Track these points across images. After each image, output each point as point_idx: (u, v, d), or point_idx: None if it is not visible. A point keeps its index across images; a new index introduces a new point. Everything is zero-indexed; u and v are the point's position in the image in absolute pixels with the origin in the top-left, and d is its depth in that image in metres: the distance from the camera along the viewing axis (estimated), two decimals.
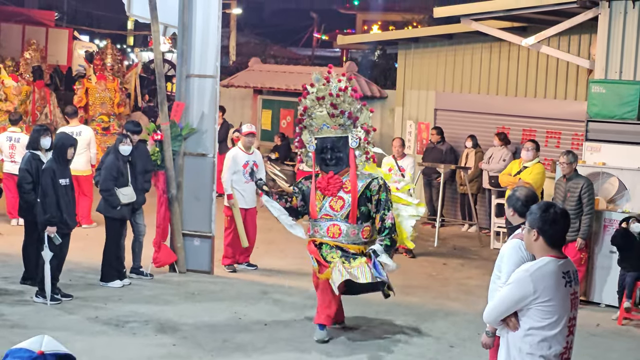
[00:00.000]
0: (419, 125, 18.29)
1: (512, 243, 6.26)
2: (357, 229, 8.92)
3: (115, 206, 11.35)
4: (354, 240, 8.96)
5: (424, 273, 13.36)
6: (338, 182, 8.88)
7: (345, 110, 8.82)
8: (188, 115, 12.41)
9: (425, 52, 18.39)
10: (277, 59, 32.59)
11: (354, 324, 10.31)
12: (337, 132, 8.87)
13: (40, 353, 2.86)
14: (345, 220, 8.87)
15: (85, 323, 9.88)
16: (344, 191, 8.83)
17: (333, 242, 8.92)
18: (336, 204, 8.85)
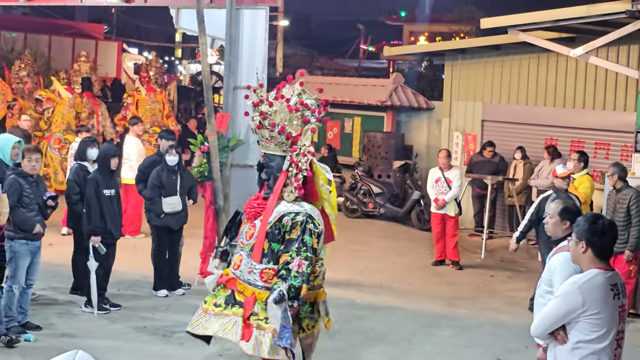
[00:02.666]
0: (466, 137, 18.22)
1: (563, 256, 6.18)
2: (256, 268, 6.78)
3: (158, 215, 11.49)
4: (248, 279, 6.84)
5: (470, 285, 13.29)
6: (255, 207, 6.98)
7: (276, 122, 6.87)
8: (235, 127, 12.48)
9: (472, 63, 18.32)
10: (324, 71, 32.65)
11: (399, 336, 10.28)
12: (270, 148, 6.96)
13: None
14: (249, 253, 6.86)
15: (133, 333, 9.96)
16: (260, 220, 6.91)
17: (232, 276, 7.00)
18: (249, 231, 6.97)
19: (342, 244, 15.73)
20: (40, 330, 9.68)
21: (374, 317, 11.08)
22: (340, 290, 12.38)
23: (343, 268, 13.86)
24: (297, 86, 7.16)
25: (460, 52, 18.59)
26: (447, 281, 13.46)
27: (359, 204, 18.85)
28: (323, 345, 9.67)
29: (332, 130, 21.44)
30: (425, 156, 19.75)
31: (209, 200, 12.22)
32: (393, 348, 9.81)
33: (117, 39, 35.85)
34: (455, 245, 14.26)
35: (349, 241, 16.19)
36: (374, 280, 13.20)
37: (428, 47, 25.84)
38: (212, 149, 12.13)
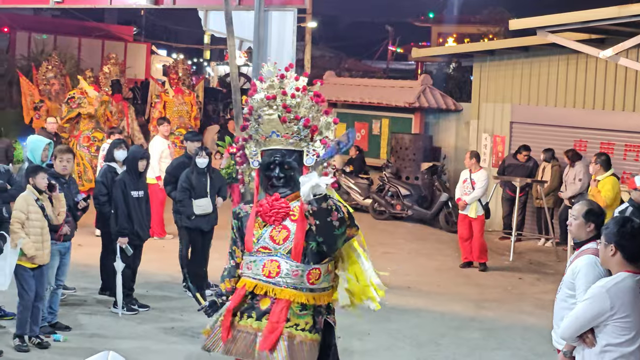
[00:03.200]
0: (495, 138, 18.15)
1: (587, 259, 6.10)
2: (302, 269, 6.20)
3: (188, 216, 11.54)
4: (295, 283, 6.20)
5: (499, 287, 13.24)
6: (284, 207, 6.29)
7: (301, 115, 6.32)
8: None
9: (500, 65, 18.25)
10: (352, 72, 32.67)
11: (426, 339, 10.26)
12: (289, 143, 6.34)
13: None
14: (287, 256, 6.22)
15: (162, 334, 10.01)
16: (290, 219, 6.25)
17: (265, 285, 6.21)
18: (278, 234, 6.27)
19: (370, 246, 15.63)
20: (70, 331, 9.76)
21: (401, 319, 11.07)
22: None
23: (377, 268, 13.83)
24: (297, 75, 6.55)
25: (489, 54, 18.53)
26: (475, 283, 13.42)
27: (386, 206, 18.83)
28: (351, 346, 9.69)
29: (360, 132, 21.45)
30: (453, 158, 19.71)
31: (237, 201, 12.25)
32: (420, 350, 9.79)
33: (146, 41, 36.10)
34: (480, 247, 14.19)
35: (376, 243, 16.17)
36: (402, 282, 13.17)
37: (456, 49, 25.75)
38: None
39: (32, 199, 9.08)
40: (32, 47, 28.50)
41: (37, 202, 9.10)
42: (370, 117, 21.24)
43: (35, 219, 9.05)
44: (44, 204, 9.19)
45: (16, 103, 24.12)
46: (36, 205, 9.08)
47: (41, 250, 9.10)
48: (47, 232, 9.19)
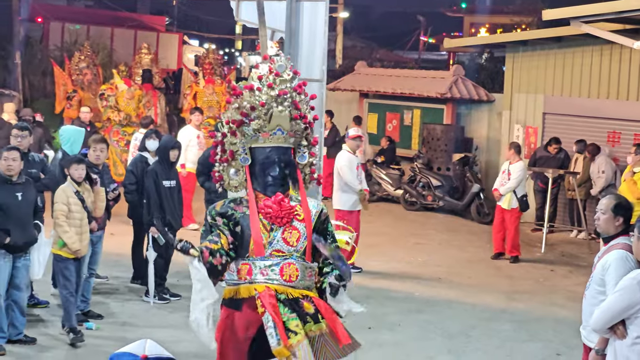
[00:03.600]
0: (527, 130, 18.04)
1: (618, 254, 6.03)
2: (312, 269, 6.13)
3: None
4: (308, 284, 6.09)
5: (530, 279, 13.17)
6: (292, 207, 6.07)
7: (302, 112, 6.14)
8: None
9: (533, 55, 18.13)
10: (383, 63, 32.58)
11: (457, 330, 10.24)
12: (290, 141, 6.11)
13: (143, 357, 2.94)
14: (302, 257, 6.05)
15: None
16: (297, 219, 6.07)
17: (284, 288, 5.95)
18: (291, 236, 6.04)
19: (401, 237, 15.74)
20: (102, 319, 9.83)
21: (432, 311, 11.05)
22: (398, 283, 12.39)
23: (401, 260, 13.86)
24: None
25: (522, 44, 18.41)
26: (507, 275, 13.36)
27: (417, 197, 18.78)
28: (381, 338, 9.69)
29: (392, 122, 21.40)
30: (485, 149, 19.62)
31: None
32: (451, 342, 9.77)
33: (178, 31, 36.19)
34: (512, 241, 14.11)
35: (407, 234, 16.17)
36: (433, 273, 13.15)
37: (489, 39, 25.61)
38: None
39: (71, 191, 9.09)
40: (66, 38, 28.67)
41: (76, 194, 9.11)
42: (402, 108, 21.18)
43: (75, 210, 9.07)
44: (83, 195, 9.20)
45: (50, 93, 24.29)
46: (75, 197, 9.09)
47: (79, 242, 9.13)
48: (86, 223, 9.22)
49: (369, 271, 12.95)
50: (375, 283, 12.37)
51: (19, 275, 8.77)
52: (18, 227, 8.62)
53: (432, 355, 9.29)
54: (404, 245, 15.13)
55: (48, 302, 10.27)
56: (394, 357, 9.15)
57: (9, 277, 8.69)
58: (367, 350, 9.26)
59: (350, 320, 10.23)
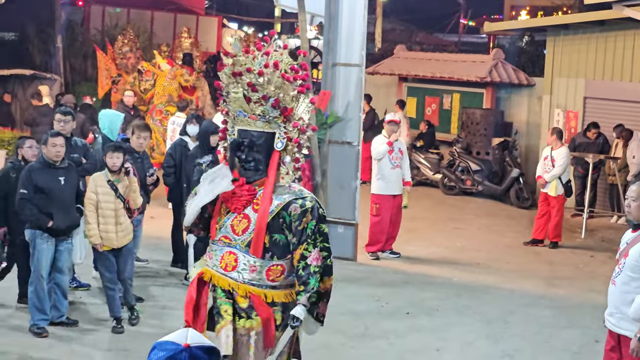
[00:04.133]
0: (567, 114, 17.90)
1: None
2: (261, 265, 5.66)
3: None
4: (252, 280, 5.68)
5: (570, 264, 13.11)
6: (248, 194, 5.73)
7: (269, 95, 5.67)
8: (333, 104, 12.53)
9: (575, 39, 17.97)
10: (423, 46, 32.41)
11: (495, 316, 10.22)
12: (258, 124, 5.73)
13: (186, 346, 2.98)
14: (245, 249, 5.68)
15: None
16: (253, 209, 5.71)
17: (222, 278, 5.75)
18: (239, 224, 5.73)
19: (440, 222, 15.72)
20: (142, 302, 9.92)
21: (470, 296, 11.05)
22: (436, 268, 12.40)
23: (440, 245, 13.85)
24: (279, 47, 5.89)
25: (563, 28, 18.24)
26: (546, 260, 13.30)
27: (456, 181, 18.74)
28: (419, 323, 9.71)
29: (431, 107, 21.33)
30: (525, 133, 19.50)
31: (307, 176, 12.31)
32: (490, 327, 9.77)
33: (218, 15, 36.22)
34: (556, 226, 14.03)
35: (446, 218, 16.15)
36: (471, 258, 13.14)
37: (529, 23, 25.37)
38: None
39: (102, 179, 8.88)
40: (106, 21, 28.84)
41: (109, 183, 8.85)
42: (441, 92, 21.10)
43: (105, 200, 8.83)
44: (118, 185, 8.92)
45: (91, 76, 24.46)
46: (106, 186, 8.85)
47: (114, 233, 8.89)
48: (122, 214, 8.94)
49: (408, 256, 12.96)
50: (414, 268, 12.38)
51: (62, 259, 8.88)
52: (61, 211, 8.72)
53: (470, 340, 9.29)
54: (442, 230, 15.11)
55: (89, 285, 10.40)
56: (432, 342, 9.17)
57: (52, 261, 8.81)
58: (404, 335, 9.33)
59: (389, 306, 10.31)
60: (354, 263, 12.43)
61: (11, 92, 20.51)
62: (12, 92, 20.44)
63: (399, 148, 12.82)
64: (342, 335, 9.23)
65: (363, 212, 12.90)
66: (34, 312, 8.79)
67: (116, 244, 8.92)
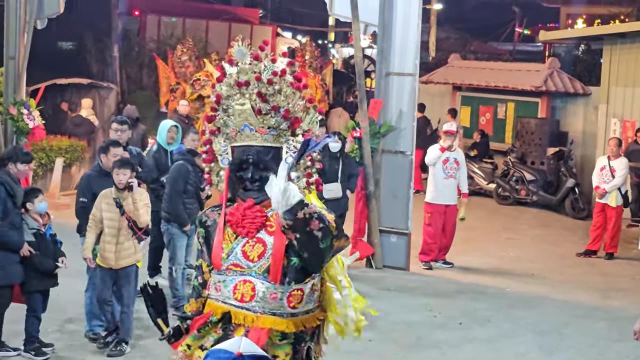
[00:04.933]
0: (624, 124, 17.68)
1: None
2: (282, 291, 4.98)
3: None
4: (273, 308, 4.96)
5: (626, 276, 12.94)
6: (259, 216, 5.10)
7: (280, 105, 5.18)
8: (387, 113, 12.53)
9: (632, 48, 17.74)
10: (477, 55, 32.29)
11: (549, 327, 10.13)
12: (266, 138, 5.16)
13: (238, 354, 3.00)
14: (263, 276, 5.02)
15: None
16: (266, 231, 5.05)
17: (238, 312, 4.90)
18: (252, 249, 5.07)
19: (493, 232, 15.63)
20: None
21: (524, 307, 10.96)
22: (490, 278, 12.32)
23: (493, 256, 13.77)
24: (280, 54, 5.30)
25: (620, 36, 18.04)
26: (601, 272, 13.15)
27: (511, 191, 18.61)
28: (472, 334, 9.67)
29: (485, 116, 21.22)
30: (580, 143, 19.29)
31: (360, 185, 12.32)
32: (543, 339, 9.68)
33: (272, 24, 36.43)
34: (613, 237, 13.86)
35: (500, 228, 16.05)
36: (525, 269, 13.03)
37: (586, 31, 25.15)
38: (364, 134, 12.24)
39: (108, 196, 8.51)
40: (162, 30, 29.15)
41: (115, 200, 8.44)
42: (496, 101, 20.98)
43: (108, 218, 8.46)
44: (123, 202, 8.45)
45: (146, 85, 24.74)
46: (112, 203, 8.44)
47: (112, 253, 8.48)
48: (124, 233, 8.48)
49: (461, 266, 12.90)
50: (467, 278, 12.32)
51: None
52: None
53: (523, 352, 9.22)
54: (496, 240, 15.02)
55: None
56: (484, 353, 9.12)
57: None
58: (457, 345, 9.29)
59: (442, 316, 10.27)
60: (407, 272, 12.41)
61: (68, 101, 20.81)
62: (69, 100, 20.75)
63: (454, 158, 12.75)
64: (395, 345, 9.22)
65: (416, 221, 12.87)
66: (90, 318, 8.91)
67: (113, 264, 8.52)
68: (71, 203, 12.31)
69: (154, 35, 28.76)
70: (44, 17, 13.99)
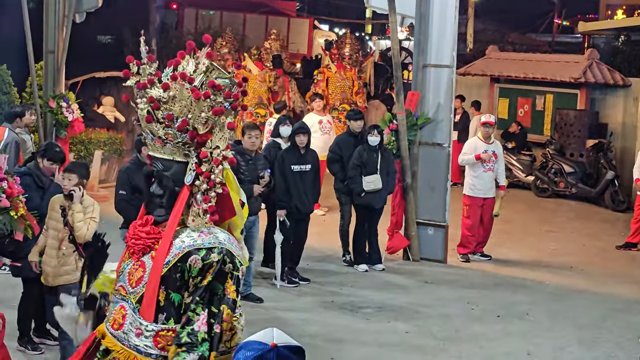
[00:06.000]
0: None
1: None
2: (148, 329, 4.27)
3: (359, 193, 11.64)
4: (136, 344, 4.29)
5: None
6: (147, 238, 4.41)
7: (175, 115, 4.34)
8: (424, 105, 12.48)
9: None
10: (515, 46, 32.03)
11: (588, 321, 10.05)
12: (165, 150, 4.42)
13: (273, 345, 3.00)
14: (136, 306, 4.33)
15: (321, 307, 10.18)
16: (151, 256, 4.39)
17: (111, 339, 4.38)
18: (134, 274, 4.39)
19: (531, 224, 15.52)
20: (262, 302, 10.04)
21: (562, 300, 10.88)
22: (528, 271, 12.25)
23: (532, 248, 13.68)
24: (202, 58, 4.53)
25: None
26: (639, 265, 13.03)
27: (549, 183, 18.47)
28: (510, 327, 9.62)
29: (523, 108, 21.06)
30: (620, 135, 19.08)
31: (397, 178, 12.29)
32: (582, 333, 9.61)
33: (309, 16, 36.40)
34: None
35: (538, 221, 15.94)
36: (564, 262, 12.93)
37: (626, 22, 24.89)
38: (401, 127, 12.20)
39: (57, 202, 7.75)
40: (199, 24, 29.23)
41: (61, 207, 7.61)
42: (534, 93, 20.81)
43: (52, 226, 7.75)
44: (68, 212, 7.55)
45: None
46: (58, 210, 7.65)
47: (51, 267, 7.69)
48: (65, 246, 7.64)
49: (499, 259, 12.83)
50: (505, 271, 12.25)
51: None
52: None
53: (561, 345, 9.16)
54: (534, 233, 14.91)
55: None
56: (523, 346, 9.06)
57: None
58: (495, 338, 9.25)
59: (479, 309, 10.23)
60: (444, 265, 12.36)
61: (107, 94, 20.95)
62: (107, 94, 20.88)
63: (493, 151, 12.68)
64: (432, 338, 9.20)
65: (455, 214, 12.82)
66: None
67: (50, 281, 7.72)
68: (110, 195, 12.40)
69: (192, 28, 28.86)
70: (82, 11, 14.10)
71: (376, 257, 11.95)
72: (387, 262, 12.15)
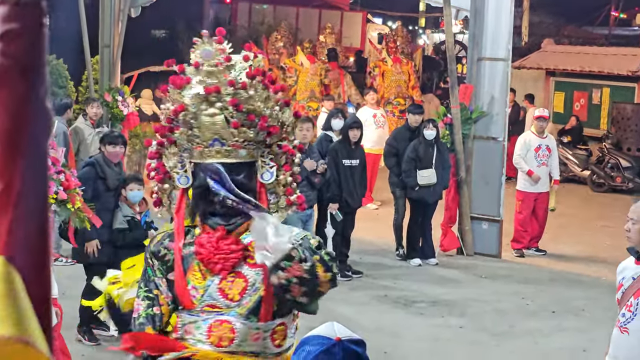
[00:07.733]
0: None
1: None
2: (266, 330, 4.08)
3: (412, 187, 11.60)
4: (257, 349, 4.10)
5: None
6: (235, 250, 4.05)
7: (256, 113, 4.10)
8: (478, 99, 12.40)
9: None
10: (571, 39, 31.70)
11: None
12: (240, 154, 4.10)
13: (337, 339, 2.98)
14: (247, 316, 4.05)
15: (374, 300, 10.17)
16: (247, 264, 4.07)
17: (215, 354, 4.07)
18: (232, 287, 4.07)
19: (587, 219, 15.34)
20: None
21: None
22: (583, 267, 12.12)
23: (588, 243, 13.51)
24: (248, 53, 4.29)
25: None
26: None
27: (606, 178, 18.25)
28: (565, 323, 9.52)
29: (579, 102, 20.83)
30: None
31: (451, 172, 12.23)
32: None
33: (362, 10, 36.32)
34: None
35: (594, 216, 15.74)
36: (620, 258, 12.69)
37: None
38: (455, 120, 12.13)
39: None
40: (253, 18, 29.34)
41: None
42: (590, 86, 20.58)
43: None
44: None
45: None
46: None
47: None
48: None
49: (554, 254, 12.70)
50: (560, 266, 12.13)
51: None
52: None
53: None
54: (590, 228, 14.73)
55: None
56: (578, 343, 8.96)
57: None
58: (550, 334, 9.16)
59: (534, 304, 10.14)
60: (498, 260, 12.27)
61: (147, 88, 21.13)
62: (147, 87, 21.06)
63: (546, 145, 12.56)
64: (486, 333, 9.14)
65: (510, 208, 12.72)
66: None
67: None
68: None
69: (245, 22, 28.96)
70: (137, 6, 14.22)
71: (430, 251, 11.90)
72: (440, 256, 12.10)
